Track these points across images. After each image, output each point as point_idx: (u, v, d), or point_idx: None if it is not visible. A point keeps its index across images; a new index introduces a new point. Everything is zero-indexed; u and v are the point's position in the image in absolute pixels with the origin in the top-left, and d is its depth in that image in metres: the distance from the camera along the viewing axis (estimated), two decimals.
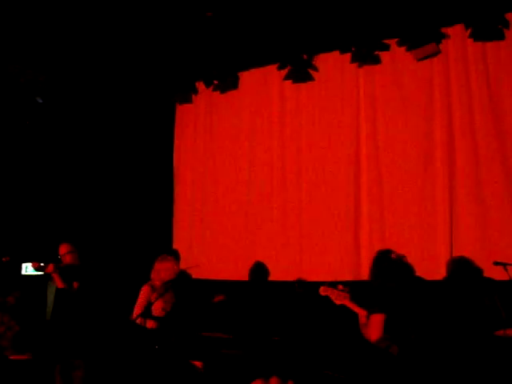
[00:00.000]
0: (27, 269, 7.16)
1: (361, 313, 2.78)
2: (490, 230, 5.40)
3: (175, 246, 7.36)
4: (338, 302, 3.23)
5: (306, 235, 6.39)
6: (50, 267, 5.72)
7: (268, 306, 6.11)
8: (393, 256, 3.92)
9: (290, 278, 6.26)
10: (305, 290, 6.05)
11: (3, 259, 6.45)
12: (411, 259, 5.24)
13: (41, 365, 2.29)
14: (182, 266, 7.13)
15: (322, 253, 6.23)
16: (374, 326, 3.15)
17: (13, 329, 2.58)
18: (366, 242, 6.05)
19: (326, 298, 5.66)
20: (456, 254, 5.52)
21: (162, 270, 5.13)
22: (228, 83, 7.06)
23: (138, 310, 4.99)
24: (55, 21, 5.80)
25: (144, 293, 5.07)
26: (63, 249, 6.04)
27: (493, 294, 3.75)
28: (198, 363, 4.40)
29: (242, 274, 6.64)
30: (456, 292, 4.06)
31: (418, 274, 5.49)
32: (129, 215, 7.46)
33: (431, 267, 5.57)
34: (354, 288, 3.83)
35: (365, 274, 6.01)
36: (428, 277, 5.51)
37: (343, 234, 6.14)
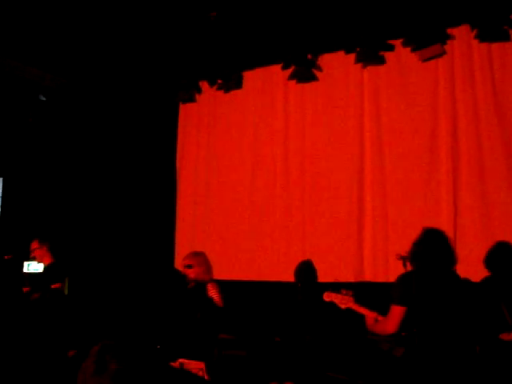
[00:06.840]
0: (29, 266, 7.16)
1: (368, 314, 2.75)
2: (494, 226, 5.36)
3: (177, 244, 7.33)
4: (343, 307, 3.22)
5: (309, 235, 6.36)
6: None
7: (270, 307, 6.09)
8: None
9: (293, 278, 6.24)
10: (308, 290, 6.03)
11: (5, 257, 6.44)
12: None
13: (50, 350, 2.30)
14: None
15: (325, 253, 6.20)
16: (393, 318, 3.12)
17: (32, 296, 2.57)
18: (369, 242, 6.02)
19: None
20: (460, 252, 5.48)
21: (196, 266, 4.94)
22: (232, 82, 7.03)
23: None
24: (58, 19, 5.79)
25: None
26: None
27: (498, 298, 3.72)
28: (200, 364, 4.38)
29: (243, 274, 6.63)
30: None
31: None
32: (131, 213, 7.44)
33: None
34: (356, 289, 3.82)
35: (367, 275, 5.99)
36: None
37: (346, 235, 6.11)
